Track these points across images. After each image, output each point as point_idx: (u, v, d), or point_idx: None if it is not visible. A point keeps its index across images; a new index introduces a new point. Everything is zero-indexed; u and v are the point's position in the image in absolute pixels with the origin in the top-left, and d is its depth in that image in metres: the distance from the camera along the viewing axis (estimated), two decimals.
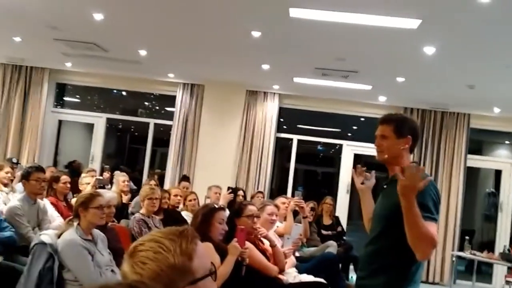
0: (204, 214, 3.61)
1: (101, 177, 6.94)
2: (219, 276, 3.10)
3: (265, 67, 7.44)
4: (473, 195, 10.51)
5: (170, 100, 9.45)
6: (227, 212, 4.14)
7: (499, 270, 8.43)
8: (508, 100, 7.68)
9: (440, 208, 2.51)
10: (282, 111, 9.40)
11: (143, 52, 7.47)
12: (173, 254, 1.27)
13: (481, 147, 10.20)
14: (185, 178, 8.06)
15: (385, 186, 2.69)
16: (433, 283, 8.51)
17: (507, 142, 9.82)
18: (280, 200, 5.80)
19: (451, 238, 8.61)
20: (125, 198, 6.52)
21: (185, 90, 9.19)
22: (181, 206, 6.32)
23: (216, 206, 3.75)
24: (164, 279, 1.24)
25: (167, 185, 8.84)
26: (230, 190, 6.43)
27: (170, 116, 9.45)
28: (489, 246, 8.60)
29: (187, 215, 6.02)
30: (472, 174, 9.51)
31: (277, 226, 5.18)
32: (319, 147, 11.84)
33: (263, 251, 4.14)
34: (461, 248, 8.00)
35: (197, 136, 9.12)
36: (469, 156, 8.87)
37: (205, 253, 1.34)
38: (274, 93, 9.09)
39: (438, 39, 5.41)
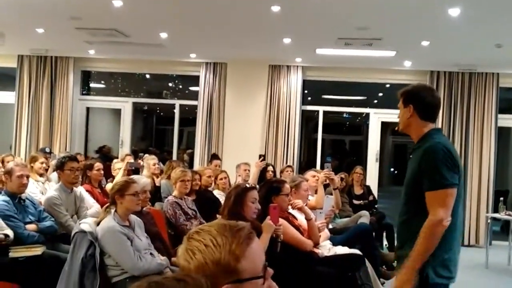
0: (236, 194, 3.65)
1: (132, 160, 7.04)
2: None
3: (287, 40, 7.38)
4: (506, 155, 10.36)
5: (194, 80, 9.48)
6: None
7: None
8: None
9: (461, 167, 2.51)
10: (306, 84, 9.34)
11: (164, 35, 7.48)
12: (220, 250, 1.31)
13: None
14: (215, 157, 8.09)
15: (411, 156, 2.71)
16: (469, 245, 8.47)
17: None
18: (310, 174, 5.82)
19: (485, 200, 8.53)
20: (157, 181, 6.62)
21: (208, 69, 9.20)
22: (212, 185, 6.40)
23: (248, 186, 3.79)
24: (207, 272, 1.28)
25: (196, 164, 8.95)
26: (262, 158, 6.47)
27: (194, 95, 9.49)
28: None
29: (218, 194, 6.11)
30: (503, 134, 9.35)
31: (309, 200, 5.21)
32: (345, 115, 11.78)
33: (297, 227, 4.19)
34: (495, 209, 7.93)
35: (223, 114, 9.15)
36: (499, 115, 8.71)
37: (257, 256, 1.36)
38: (297, 66, 9.02)
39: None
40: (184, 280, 1.13)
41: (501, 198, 7.47)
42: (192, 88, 10.03)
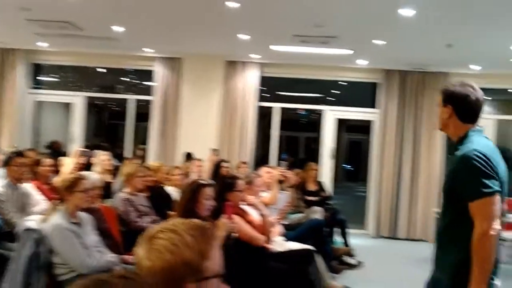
0: (191, 191, 3.62)
1: (85, 149, 6.90)
2: None
3: (242, 37, 7.36)
4: None
5: (149, 74, 9.34)
6: None
7: None
8: (485, 57, 7.74)
9: (501, 172, 2.36)
10: (263, 80, 9.33)
11: (118, 29, 7.33)
12: (190, 250, 1.29)
13: None
14: (190, 157, 7.88)
15: (449, 155, 2.70)
16: (416, 239, 8.72)
17: (488, 98, 9.91)
18: (264, 170, 5.84)
19: (434, 195, 8.74)
20: (108, 177, 6.47)
21: (163, 64, 9.08)
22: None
23: (204, 182, 3.76)
24: (175, 272, 1.27)
25: (150, 160, 8.82)
26: (215, 152, 6.47)
27: (149, 90, 9.35)
28: None
29: (172, 190, 6.03)
30: None
31: (262, 196, 5.22)
32: (301, 112, 11.88)
33: (249, 222, 4.20)
34: None
35: (178, 109, 9.05)
36: None
37: (218, 256, 1.36)
38: (254, 63, 9.03)
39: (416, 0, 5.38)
40: (131, 278, 1.11)
41: None
42: (147, 83, 9.88)
